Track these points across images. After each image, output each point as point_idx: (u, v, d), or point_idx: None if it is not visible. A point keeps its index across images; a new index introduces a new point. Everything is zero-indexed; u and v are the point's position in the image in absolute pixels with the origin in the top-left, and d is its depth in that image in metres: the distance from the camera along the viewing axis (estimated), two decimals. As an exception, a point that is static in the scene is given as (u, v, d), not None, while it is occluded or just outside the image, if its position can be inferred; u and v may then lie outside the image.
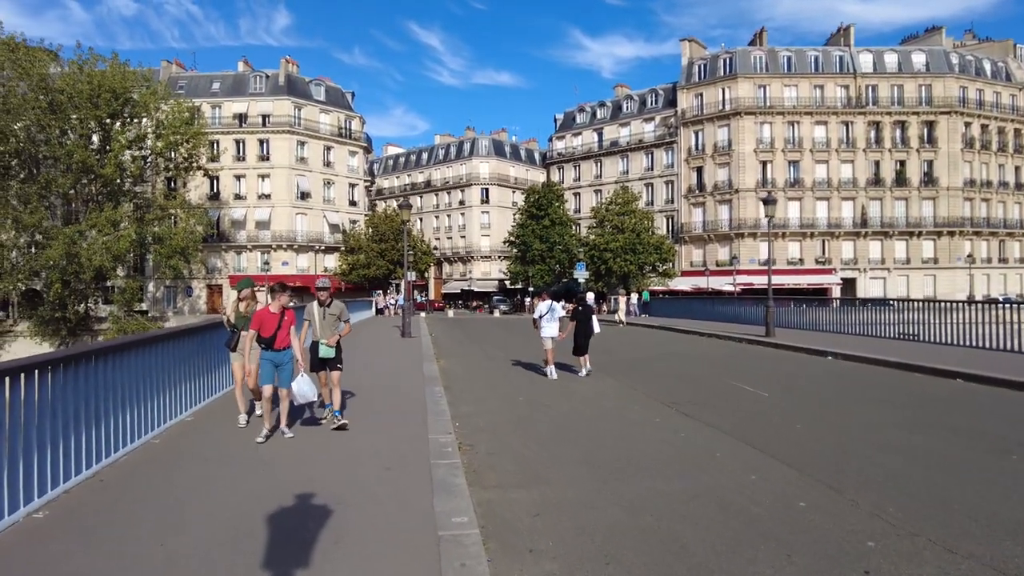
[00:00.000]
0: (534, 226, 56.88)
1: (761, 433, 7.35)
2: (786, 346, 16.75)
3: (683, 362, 14.68)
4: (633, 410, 8.90)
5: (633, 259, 49.84)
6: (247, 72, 58.90)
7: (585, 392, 10.50)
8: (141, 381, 6.62)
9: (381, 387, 10.20)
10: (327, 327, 7.44)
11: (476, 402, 9.51)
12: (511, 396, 10.09)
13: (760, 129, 55.41)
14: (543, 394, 10.30)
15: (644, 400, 9.71)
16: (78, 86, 40.36)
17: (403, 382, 10.70)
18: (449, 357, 15.89)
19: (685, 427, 7.78)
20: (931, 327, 16.55)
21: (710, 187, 56.37)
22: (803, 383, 11.35)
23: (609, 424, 8.02)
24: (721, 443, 6.94)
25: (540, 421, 8.22)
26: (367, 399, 9.07)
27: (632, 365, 14.23)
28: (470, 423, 7.99)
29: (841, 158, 54.77)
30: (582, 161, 65.89)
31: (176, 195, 48.12)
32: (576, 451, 6.65)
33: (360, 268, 55.46)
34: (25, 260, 41.28)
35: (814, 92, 55.21)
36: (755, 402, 9.41)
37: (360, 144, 62.64)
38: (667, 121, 59.94)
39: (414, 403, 8.70)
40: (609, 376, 12.31)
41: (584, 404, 9.42)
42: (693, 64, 59.11)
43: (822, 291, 52.92)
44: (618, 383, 11.42)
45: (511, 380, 11.99)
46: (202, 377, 8.77)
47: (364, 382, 10.53)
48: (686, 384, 11.25)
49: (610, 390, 10.69)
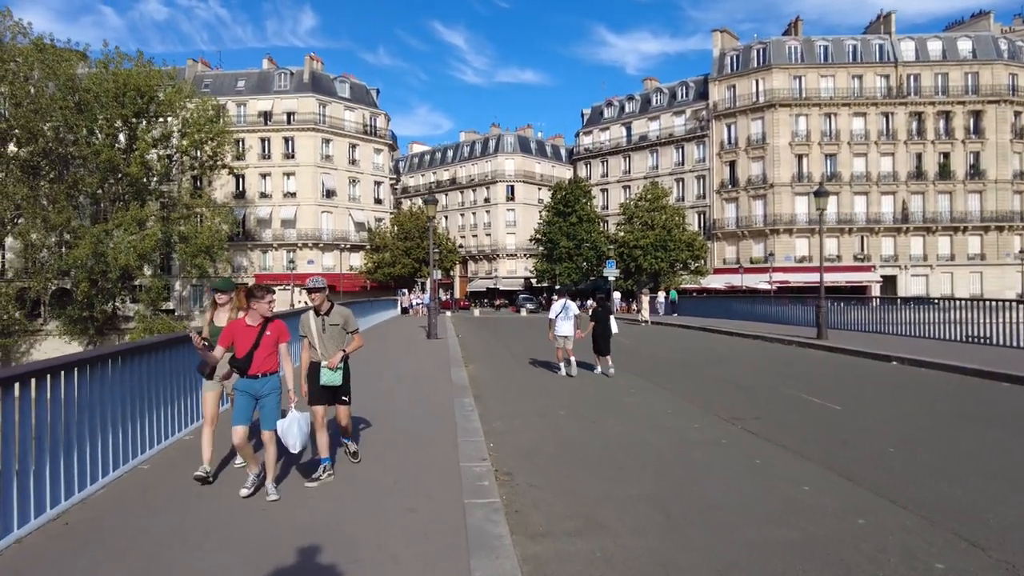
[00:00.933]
0: (561, 223, 55.71)
1: (849, 460, 6.21)
2: (842, 349, 15.43)
3: (732, 368, 13.48)
4: (691, 427, 7.79)
5: (664, 256, 48.38)
6: (272, 70, 58.62)
7: (633, 404, 9.41)
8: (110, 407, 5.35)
9: (406, 396, 9.22)
10: (329, 342, 5.54)
11: (511, 416, 8.47)
12: (550, 408, 9.04)
13: (795, 121, 53.48)
14: (586, 406, 9.24)
15: (700, 414, 8.58)
16: (104, 85, 40.31)
17: (430, 390, 9.71)
18: (477, 361, 14.90)
19: (758, 450, 6.66)
20: (997, 328, 15.15)
21: (743, 182, 54.61)
22: (874, 394, 10.12)
23: (667, 446, 6.93)
24: (807, 473, 5.82)
25: (586, 441, 7.15)
26: (390, 412, 8.10)
27: (677, 371, 13.08)
28: (506, 443, 6.96)
29: (881, 151, 52.61)
30: (610, 156, 64.46)
31: (202, 194, 47.96)
32: (635, 483, 5.58)
33: (385, 267, 54.85)
34: (53, 259, 41.33)
35: (852, 82, 53.12)
36: (828, 418, 8.23)
37: (385, 142, 62.04)
38: (698, 114, 58.27)
39: (442, 417, 7.70)
40: (654, 384, 11.20)
41: (634, 419, 8.33)
42: (725, 55, 57.33)
43: (860, 289, 50.95)
44: (667, 393, 10.30)
45: (547, 388, 10.94)
46: (184, 399, 7.15)
47: (388, 390, 9.59)
48: (743, 395, 10.08)
49: (659, 402, 9.59)
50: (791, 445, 6.80)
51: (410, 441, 6.60)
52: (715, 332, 23.48)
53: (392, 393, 9.50)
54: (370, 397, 9.00)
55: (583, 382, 11.58)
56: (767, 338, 19.45)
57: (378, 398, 9.07)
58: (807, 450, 6.59)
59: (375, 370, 12.27)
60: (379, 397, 9.15)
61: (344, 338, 5.65)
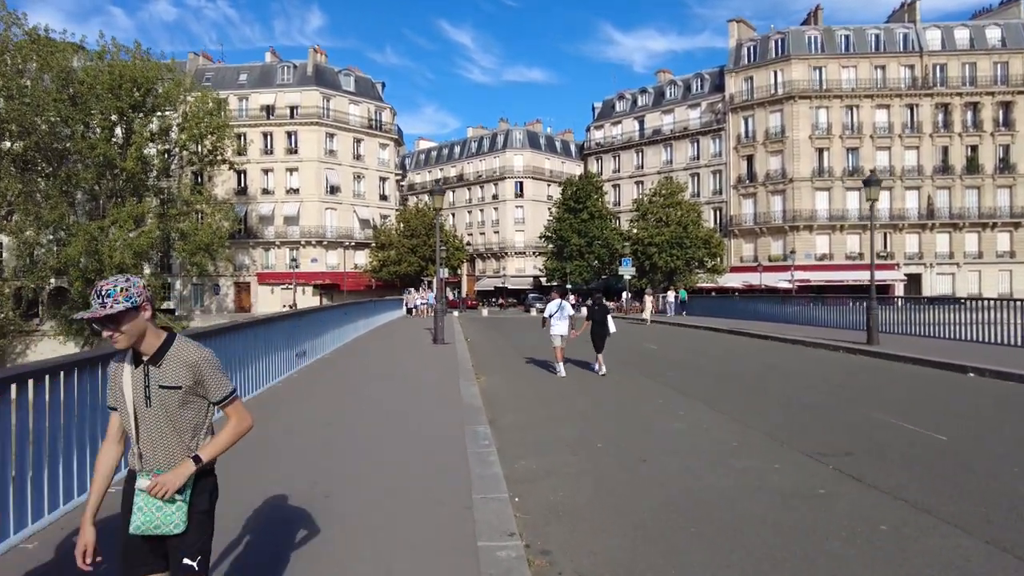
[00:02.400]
0: (572, 220, 54.02)
1: (1006, 522, 4.49)
2: (900, 357, 13.65)
3: (785, 380, 11.74)
4: (770, 468, 6.07)
5: (680, 254, 46.58)
6: (274, 63, 57.13)
7: (684, 432, 7.69)
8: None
9: (405, 424, 7.53)
10: (156, 429, 2.31)
11: (536, 450, 6.77)
12: (583, 438, 7.34)
13: (816, 114, 51.54)
14: (627, 435, 7.54)
15: (772, 446, 6.86)
16: (99, 77, 38.82)
17: (436, 414, 8.02)
18: (489, 370, 13.19)
19: (876, 508, 4.92)
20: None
21: (761, 177, 52.69)
22: (974, 416, 8.36)
23: (751, 499, 5.20)
24: (961, 546, 4.09)
25: (641, 491, 5.44)
26: (384, 447, 6.42)
27: (723, 385, 11.33)
28: (536, 497, 5.26)
29: (905, 144, 50.61)
30: (622, 151, 62.61)
31: (202, 190, 46.44)
32: (730, 569, 3.88)
33: (391, 265, 53.26)
34: (46, 257, 39.88)
35: (875, 73, 51.10)
36: (942, 455, 6.47)
37: (391, 136, 60.41)
38: (714, 107, 56.37)
39: (451, 456, 6.01)
40: (700, 401, 9.47)
41: (692, 454, 6.61)
42: (742, 46, 55.40)
43: (884, 288, 49.04)
44: (719, 415, 8.56)
45: (575, 407, 9.25)
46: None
47: (384, 414, 7.91)
48: (813, 417, 8.35)
49: (714, 427, 7.86)
50: (919, 500, 5.07)
51: (407, 501, 4.90)
52: (743, 335, 21.73)
53: (389, 418, 7.82)
54: (360, 425, 7.35)
55: (614, 398, 9.89)
56: (806, 343, 17.66)
57: (370, 426, 7.40)
58: (944, 508, 4.85)
59: (371, 386, 10.61)
60: (372, 425, 7.48)
61: (198, 418, 2.39)
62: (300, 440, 6.58)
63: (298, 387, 10.08)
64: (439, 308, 17.23)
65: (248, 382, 8.89)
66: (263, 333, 9.71)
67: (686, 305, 39.59)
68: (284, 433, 6.90)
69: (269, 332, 10.04)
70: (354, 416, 7.85)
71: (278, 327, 10.61)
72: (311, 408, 8.37)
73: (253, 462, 5.73)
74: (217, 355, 2.46)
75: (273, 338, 10.25)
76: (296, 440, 6.58)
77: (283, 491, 4.96)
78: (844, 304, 26.98)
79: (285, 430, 7.05)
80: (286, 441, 6.54)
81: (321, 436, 6.74)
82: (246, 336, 8.90)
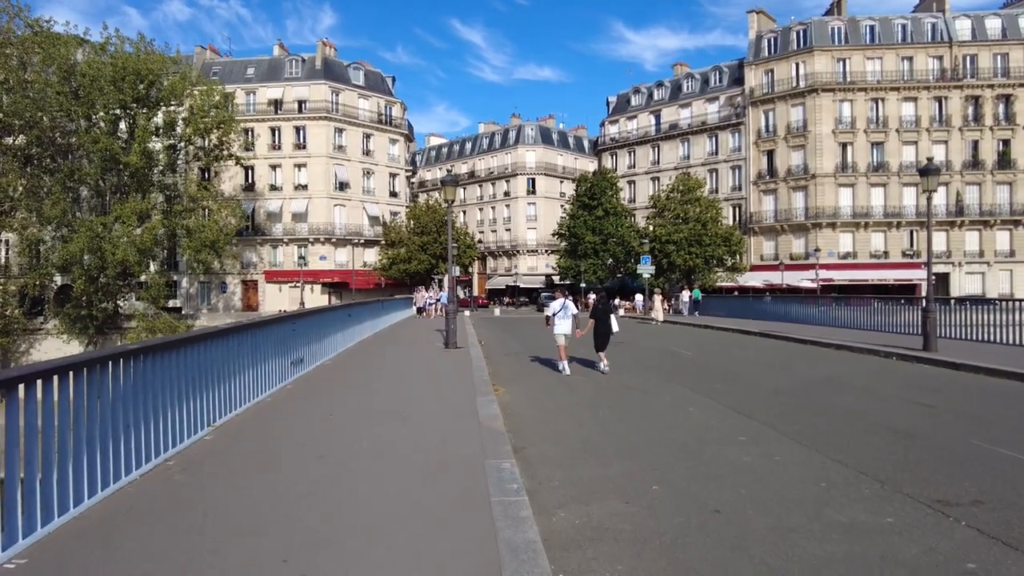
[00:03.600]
0: (586, 217, 52.60)
1: None
2: (969, 367, 12.11)
3: (852, 395, 10.26)
4: (884, 524, 4.65)
5: (699, 252, 45.02)
6: (282, 56, 56.00)
7: (758, 468, 6.27)
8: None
9: (411, 456, 6.16)
10: None
11: (579, 495, 5.37)
12: (635, 476, 5.94)
13: (839, 107, 49.77)
14: (685, 471, 6.13)
15: (871, 489, 5.43)
16: (101, 69, 37.77)
17: (448, 442, 6.66)
18: (508, 380, 11.80)
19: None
20: None
21: (782, 172, 50.99)
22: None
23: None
24: None
25: (727, 567, 4.05)
26: (382, 491, 5.05)
27: (784, 401, 9.88)
28: (587, 571, 3.90)
29: (933, 138, 48.72)
30: (637, 146, 61.01)
31: (208, 186, 45.33)
32: None
33: (401, 263, 51.99)
34: (49, 254, 38.87)
35: (901, 65, 49.25)
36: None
37: (401, 131, 59.12)
38: (733, 101, 54.68)
39: (469, 506, 4.65)
40: (763, 424, 8.04)
41: (780, 503, 5.17)
42: (762, 38, 53.67)
43: (909, 288, 47.32)
44: (793, 443, 7.12)
45: (616, 431, 7.86)
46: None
47: (386, 443, 6.56)
48: (905, 447, 6.88)
49: (792, 461, 6.42)
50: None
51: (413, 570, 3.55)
52: (776, 338, 20.23)
53: (392, 448, 6.46)
54: (356, 459, 6.00)
55: (661, 420, 8.50)
56: (852, 348, 16.16)
57: (370, 459, 6.06)
58: None
59: (375, 402, 9.27)
60: (372, 457, 6.14)
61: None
62: (280, 484, 5.24)
63: (289, 404, 8.76)
64: (451, 309, 15.84)
65: (228, 400, 7.57)
66: (250, 340, 8.39)
67: (699, 305, 38.62)
68: (259, 472, 5.57)
69: (257, 339, 8.72)
70: (350, 446, 6.50)
71: (269, 333, 9.29)
72: (300, 433, 7.03)
73: (215, 517, 4.39)
74: (188, 369, 1.29)
75: (263, 345, 8.93)
76: (274, 484, 5.24)
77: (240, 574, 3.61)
78: (868, 304, 25.51)
79: (261, 467, 5.72)
80: (261, 486, 5.20)
81: (307, 478, 5.40)
82: (227, 344, 7.58)
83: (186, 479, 5.27)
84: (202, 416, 6.76)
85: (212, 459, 5.90)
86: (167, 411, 5.89)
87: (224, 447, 6.33)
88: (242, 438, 6.71)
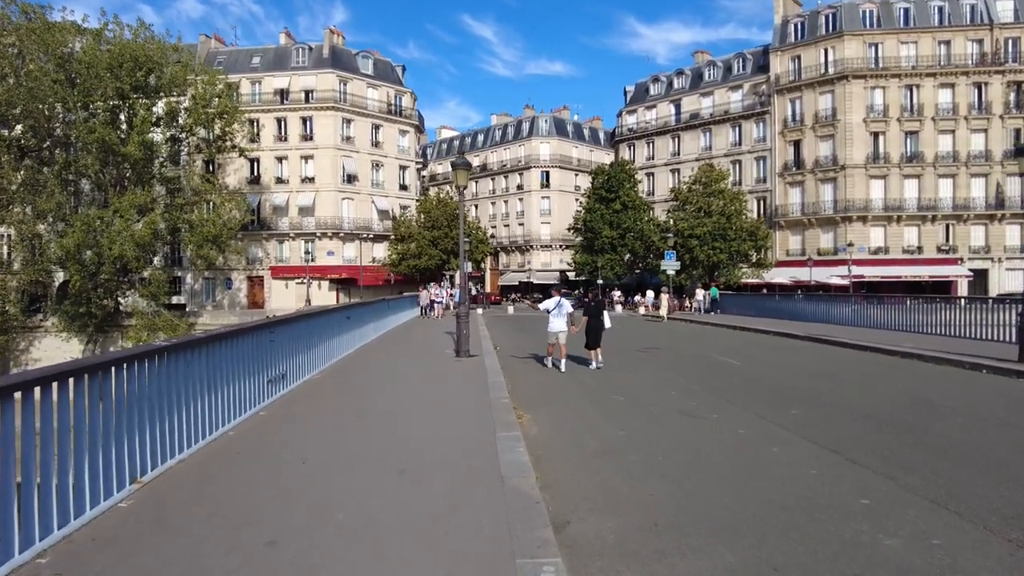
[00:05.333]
0: (603, 210, 50.50)
1: None
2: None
3: (975, 429, 8.20)
4: None
5: (723, 247, 42.78)
6: (289, 45, 54.19)
7: (920, 558, 4.27)
8: None
9: (406, 541, 4.21)
10: None
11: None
12: (738, 571, 3.97)
13: (871, 95, 47.20)
14: (803, 546, 4.14)
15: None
16: (98, 55, 36.13)
17: (459, 510, 4.70)
18: (532, 402, 9.78)
19: None
20: None
21: (810, 163, 48.54)
22: None
23: None
24: None
25: None
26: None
27: (875, 432, 7.81)
28: None
29: (971, 126, 46.09)
30: (657, 137, 58.66)
31: (210, 179, 43.67)
32: None
33: (411, 258, 50.06)
34: (45, 248, 37.30)
35: (938, 49, 46.59)
36: None
37: (411, 122, 57.16)
38: (757, 89, 52.25)
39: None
40: (886, 477, 5.97)
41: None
42: (788, 23, 51.17)
43: (944, 285, 44.86)
44: (948, 516, 5.11)
45: (687, 488, 5.85)
46: None
47: (377, 508, 4.61)
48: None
49: (952, 539, 4.41)
50: None
51: None
52: (826, 343, 18.09)
53: (378, 525, 4.53)
54: (316, 542, 4.06)
55: (743, 469, 6.50)
56: (924, 357, 14.02)
57: (333, 543, 4.13)
58: None
59: (363, 439, 7.36)
60: (337, 540, 4.21)
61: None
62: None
63: (253, 442, 6.83)
64: (464, 311, 13.85)
65: (169, 443, 5.66)
66: (206, 359, 6.47)
67: (718, 304, 36.97)
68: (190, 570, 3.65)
69: (219, 357, 6.80)
70: (320, 519, 4.58)
71: (237, 346, 7.37)
72: (255, 495, 5.10)
73: None
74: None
75: (226, 364, 7.01)
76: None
77: None
78: (901, 303, 23.33)
79: (193, 560, 3.80)
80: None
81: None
82: (170, 369, 5.68)
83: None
84: (119, 471, 4.85)
85: (106, 553, 3.98)
86: (61, 473, 3.99)
87: (132, 529, 4.41)
88: (169, 505, 4.79)
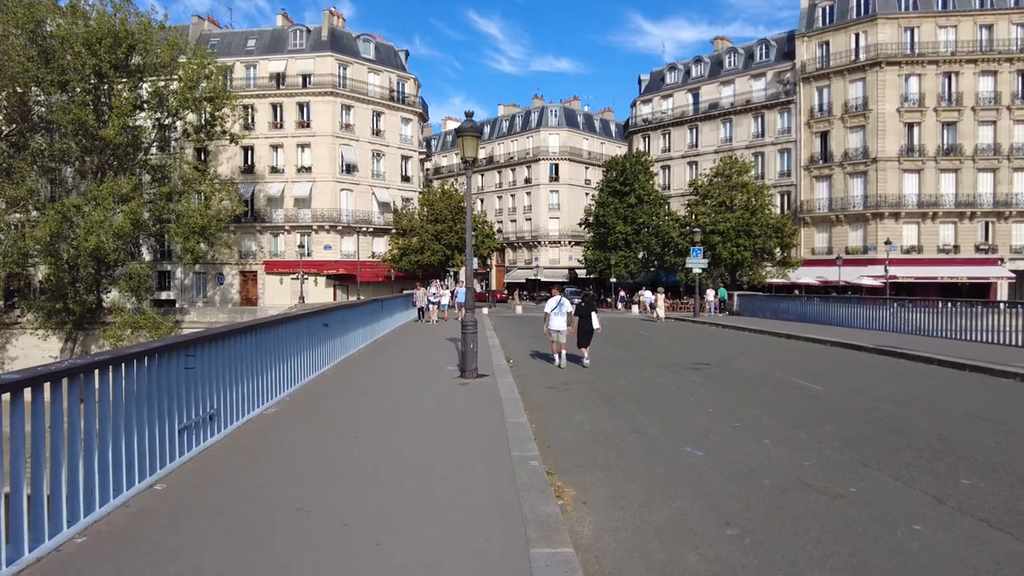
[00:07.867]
0: (617, 204, 47.56)
1: None
2: None
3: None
4: None
5: (747, 244, 39.81)
6: (286, 27, 51.31)
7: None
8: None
9: None
10: None
11: None
12: None
13: (905, 83, 44.08)
14: None
15: None
16: (74, 30, 33.31)
17: None
18: (577, 464, 6.82)
19: None
20: None
21: (838, 156, 45.47)
22: None
23: None
24: None
25: None
26: None
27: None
28: None
29: (1015, 117, 42.96)
30: (673, 128, 55.59)
31: (199, 166, 40.85)
32: None
33: (413, 253, 47.20)
34: (12, 241, 34.50)
35: (979, 33, 43.45)
36: None
37: (415, 110, 54.23)
38: (782, 77, 49.15)
39: None
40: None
41: None
42: (816, 6, 48.06)
43: (982, 287, 41.91)
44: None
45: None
46: None
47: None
48: None
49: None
50: None
51: None
52: (908, 358, 15.17)
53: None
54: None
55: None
56: (991, 371, 11.12)
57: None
58: None
59: (310, 556, 4.46)
60: None
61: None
62: None
63: (123, 557, 3.96)
64: (470, 319, 10.94)
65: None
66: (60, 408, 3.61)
67: (726, 305, 35.67)
68: None
69: (96, 401, 3.95)
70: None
71: (131, 379, 4.51)
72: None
73: None
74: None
75: (111, 412, 4.16)
76: None
77: None
78: (933, 306, 20.63)
79: None
80: None
81: None
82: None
83: None
84: None
85: None
86: None
87: None
88: None
